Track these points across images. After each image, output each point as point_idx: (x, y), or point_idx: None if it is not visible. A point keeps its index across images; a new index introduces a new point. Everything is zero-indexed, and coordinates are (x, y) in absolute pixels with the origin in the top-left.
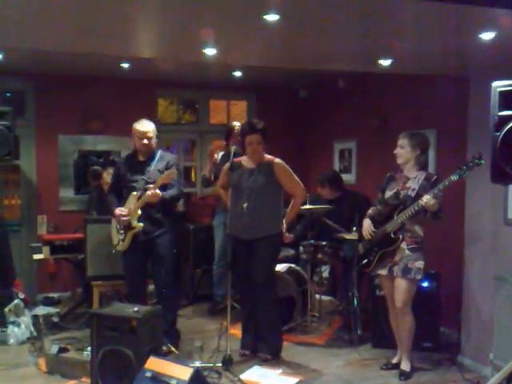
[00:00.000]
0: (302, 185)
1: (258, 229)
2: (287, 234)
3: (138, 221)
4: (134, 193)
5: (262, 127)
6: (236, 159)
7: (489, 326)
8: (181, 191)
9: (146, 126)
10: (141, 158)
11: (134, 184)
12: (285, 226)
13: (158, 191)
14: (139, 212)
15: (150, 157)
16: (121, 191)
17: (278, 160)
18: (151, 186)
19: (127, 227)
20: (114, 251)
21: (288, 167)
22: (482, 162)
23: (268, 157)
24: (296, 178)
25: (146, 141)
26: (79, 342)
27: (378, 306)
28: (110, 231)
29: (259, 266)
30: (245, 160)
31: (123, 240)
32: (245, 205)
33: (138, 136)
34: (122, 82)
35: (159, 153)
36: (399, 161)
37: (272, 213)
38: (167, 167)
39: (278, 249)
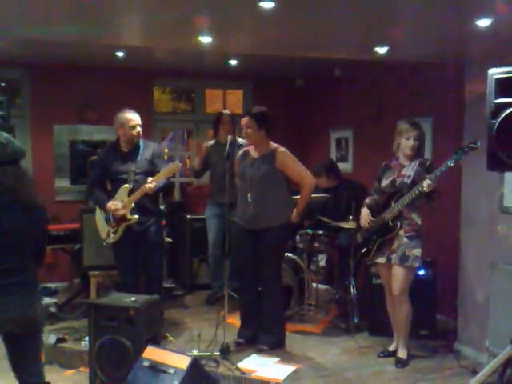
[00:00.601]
0: (308, 173)
1: (262, 219)
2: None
3: (132, 212)
4: (126, 185)
5: (255, 112)
6: (245, 148)
7: (485, 314)
8: (168, 179)
9: (137, 115)
10: (125, 149)
11: (124, 176)
12: (294, 214)
13: (154, 183)
14: (133, 204)
15: (136, 146)
16: (104, 183)
17: (281, 149)
18: (150, 178)
19: (120, 219)
20: (104, 244)
21: (292, 156)
22: (478, 145)
23: (273, 146)
24: (301, 166)
25: (139, 128)
26: (77, 332)
27: (375, 294)
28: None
29: (265, 258)
30: (252, 149)
31: (115, 232)
32: (249, 194)
33: (131, 125)
34: (118, 72)
35: (142, 142)
36: (413, 152)
37: (276, 203)
38: (154, 156)
39: (284, 240)
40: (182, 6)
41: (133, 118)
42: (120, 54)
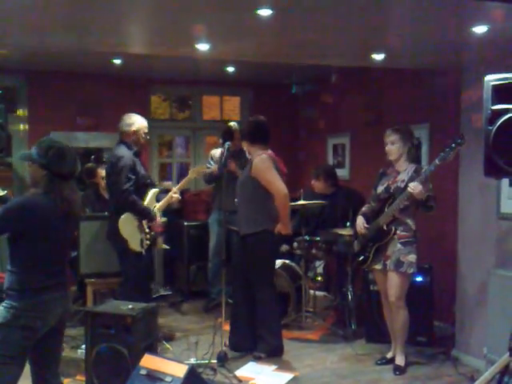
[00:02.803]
0: (280, 183)
1: (245, 225)
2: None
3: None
4: (156, 189)
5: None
6: None
7: (483, 320)
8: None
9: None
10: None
11: (149, 180)
12: (279, 226)
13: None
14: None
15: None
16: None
17: (258, 157)
18: (181, 183)
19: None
20: (143, 252)
21: (265, 165)
22: (463, 141)
23: (255, 154)
24: (273, 175)
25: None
26: (73, 340)
27: (373, 301)
28: (126, 232)
29: (250, 265)
30: None
31: (148, 239)
32: (235, 200)
33: (145, 132)
34: (115, 79)
35: None
36: (392, 157)
37: (254, 210)
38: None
39: (267, 246)
40: (179, 14)
41: (146, 124)
42: (117, 61)
